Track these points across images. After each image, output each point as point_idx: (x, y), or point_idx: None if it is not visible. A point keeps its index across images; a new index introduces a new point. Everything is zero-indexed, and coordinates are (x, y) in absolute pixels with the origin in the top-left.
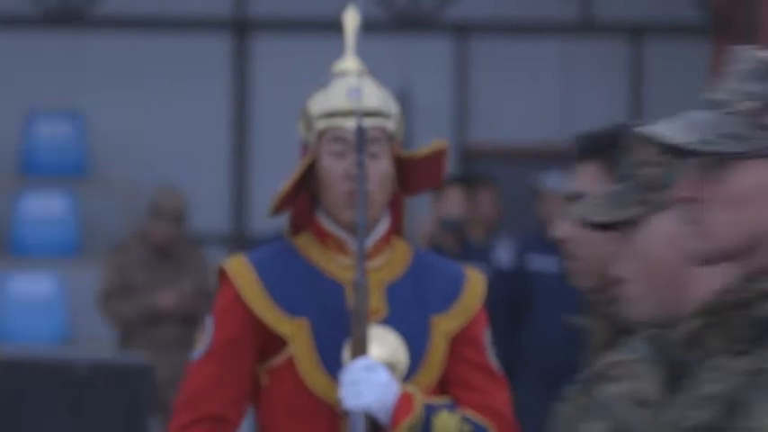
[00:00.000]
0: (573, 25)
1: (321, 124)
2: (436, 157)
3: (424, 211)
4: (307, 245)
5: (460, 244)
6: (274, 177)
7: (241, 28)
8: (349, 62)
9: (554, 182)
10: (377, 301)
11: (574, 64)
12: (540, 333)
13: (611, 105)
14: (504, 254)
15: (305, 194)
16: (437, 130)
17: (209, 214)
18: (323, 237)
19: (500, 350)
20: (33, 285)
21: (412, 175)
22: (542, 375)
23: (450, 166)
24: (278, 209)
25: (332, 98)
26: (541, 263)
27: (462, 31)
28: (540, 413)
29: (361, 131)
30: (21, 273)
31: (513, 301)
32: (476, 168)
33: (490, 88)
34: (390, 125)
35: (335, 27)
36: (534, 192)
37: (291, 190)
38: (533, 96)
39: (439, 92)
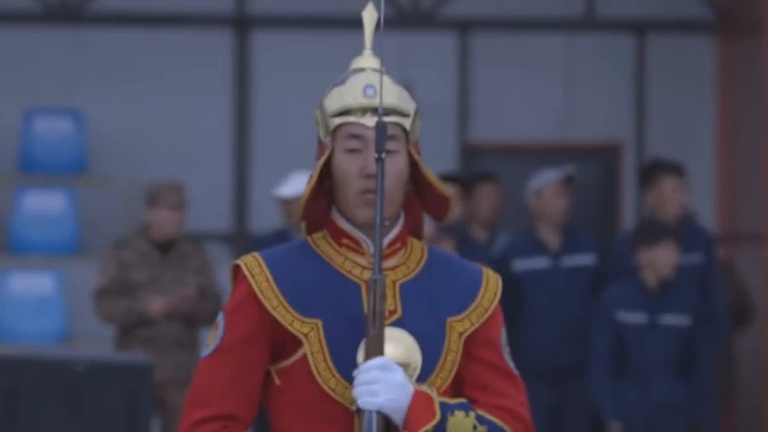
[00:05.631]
0: (576, 21)
1: (336, 121)
2: (442, 198)
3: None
4: (322, 243)
5: (461, 247)
6: (276, 175)
7: (242, 25)
8: (367, 59)
9: (545, 179)
10: (391, 301)
11: (577, 60)
12: (534, 331)
13: (614, 102)
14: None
15: (321, 192)
16: (439, 127)
17: (210, 212)
18: (338, 236)
19: None
20: (32, 283)
21: (422, 186)
22: (538, 374)
23: (450, 164)
24: (305, 214)
25: (348, 95)
26: (530, 263)
27: (465, 27)
28: (537, 412)
29: (381, 127)
30: (20, 270)
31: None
32: (477, 165)
33: (493, 85)
34: (407, 123)
35: (338, 24)
36: (530, 190)
37: (313, 192)
38: (536, 93)
39: (441, 88)
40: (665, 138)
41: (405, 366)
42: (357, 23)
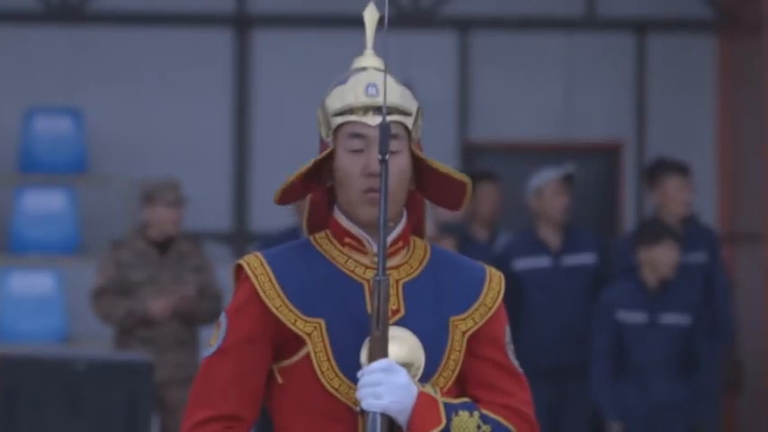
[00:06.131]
0: (576, 21)
1: (338, 120)
2: (457, 185)
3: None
4: (325, 243)
5: (462, 246)
6: (276, 174)
7: (242, 24)
8: (368, 59)
9: (546, 178)
10: (395, 300)
11: (577, 59)
12: (534, 331)
13: (614, 101)
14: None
15: (323, 191)
16: (440, 126)
17: (210, 211)
18: (341, 235)
19: None
20: (32, 283)
21: (429, 182)
22: (538, 374)
23: (450, 163)
24: (283, 198)
25: (350, 94)
26: (529, 262)
27: (465, 26)
28: (537, 411)
29: (385, 128)
30: (20, 270)
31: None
32: (478, 164)
33: (493, 84)
34: (409, 122)
35: (338, 23)
36: (531, 189)
37: (300, 181)
38: (536, 92)
39: (441, 88)
40: (665, 137)
41: (408, 366)
42: (358, 22)
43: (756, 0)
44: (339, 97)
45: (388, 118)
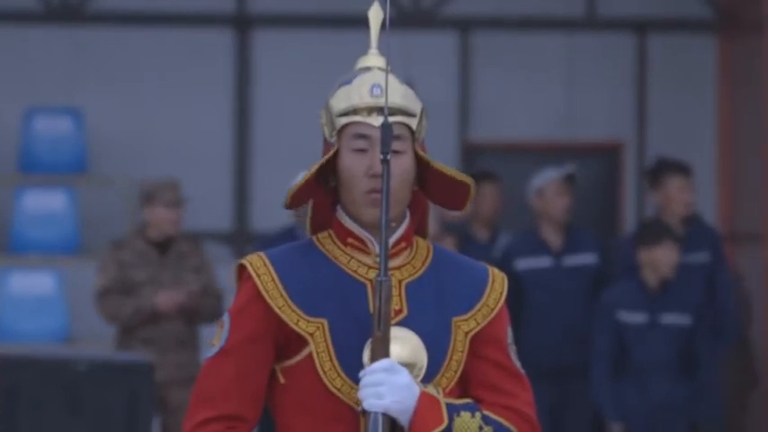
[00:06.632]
0: (577, 21)
1: (343, 121)
2: (460, 186)
3: None
4: (327, 243)
5: (462, 246)
6: (276, 174)
7: (242, 24)
8: (373, 58)
9: (547, 178)
10: (397, 300)
11: (578, 59)
12: (535, 331)
13: (615, 101)
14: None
15: (326, 192)
16: (440, 127)
17: (211, 211)
18: (343, 235)
19: None
20: (32, 283)
21: (432, 182)
22: (539, 374)
23: (451, 163)
24: (293, 203)
25: (354, 94)
26: (531, 262)
27: (465, 26)
28: (538, 411)
29: (387, 127)
30: (20, 270)
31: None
32: (478, 164)
33: (493, 84)
34: (413, 123)
35: (338, 23)
36: (532, 189)
37: (307, 184)
38: (537, 92)
39: (442, 88)
40: (665, 137)
41: (410, 366)
42: (358, 22)
43: (756, 0)
44: (344, 98)
45: (392, 119)
